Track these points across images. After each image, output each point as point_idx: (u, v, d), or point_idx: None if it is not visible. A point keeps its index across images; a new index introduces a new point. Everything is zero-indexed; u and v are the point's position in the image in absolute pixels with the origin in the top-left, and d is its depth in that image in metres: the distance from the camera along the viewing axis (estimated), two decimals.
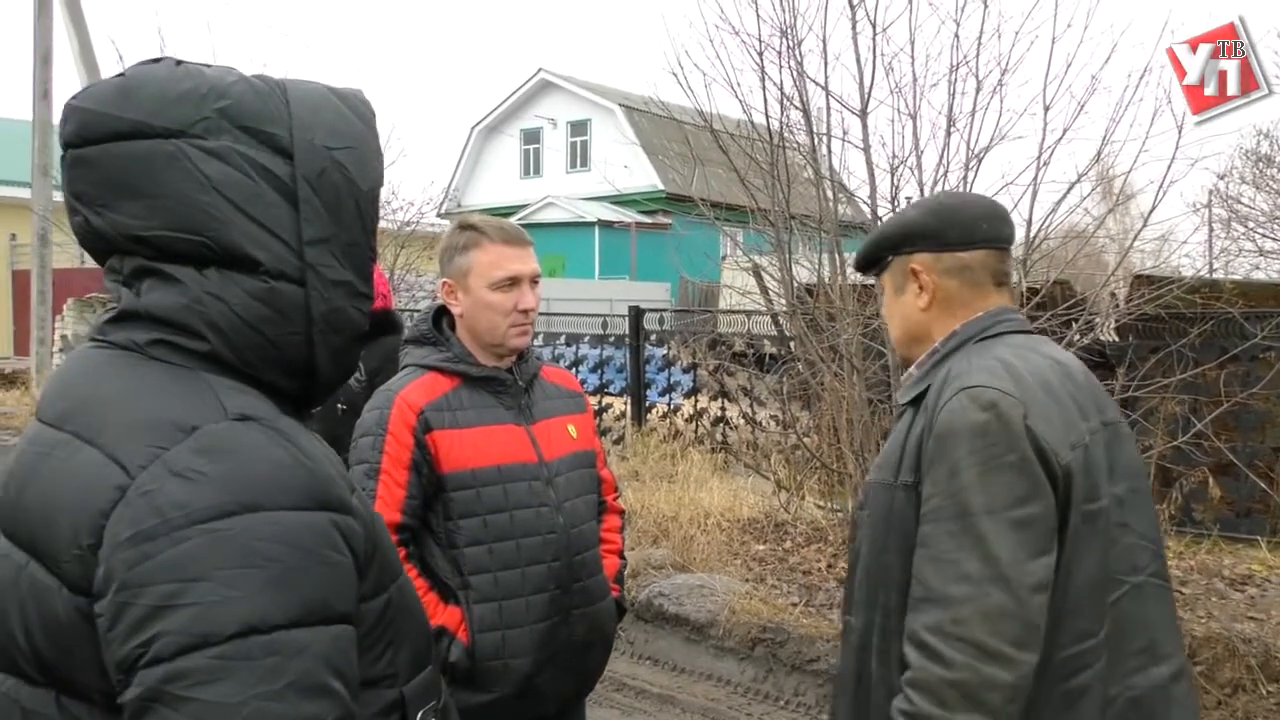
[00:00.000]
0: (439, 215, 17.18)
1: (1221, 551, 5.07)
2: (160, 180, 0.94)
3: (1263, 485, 5.41)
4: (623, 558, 2.39)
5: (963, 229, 1.67)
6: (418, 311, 7.02)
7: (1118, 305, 6.11)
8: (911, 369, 1.72)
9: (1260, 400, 5.49)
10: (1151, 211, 5.80)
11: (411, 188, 29.47)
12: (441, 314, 2.19)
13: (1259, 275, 13.08)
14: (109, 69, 13.95)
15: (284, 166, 0.98)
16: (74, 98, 0.99)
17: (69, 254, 16.28)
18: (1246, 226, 15.12)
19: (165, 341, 0.96)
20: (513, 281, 2.08)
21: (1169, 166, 5.19)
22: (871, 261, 1.77)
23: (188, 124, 0.95)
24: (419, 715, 1.05)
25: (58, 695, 0.89)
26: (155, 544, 0.82)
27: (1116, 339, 6.27)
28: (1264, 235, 14.97)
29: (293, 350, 0.99)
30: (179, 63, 1.00)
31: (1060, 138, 5.40)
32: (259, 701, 0.79)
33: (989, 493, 1.42)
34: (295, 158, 0.99)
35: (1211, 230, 15.44)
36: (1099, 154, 5.58)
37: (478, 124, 29.39)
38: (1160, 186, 5.43)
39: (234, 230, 0.95)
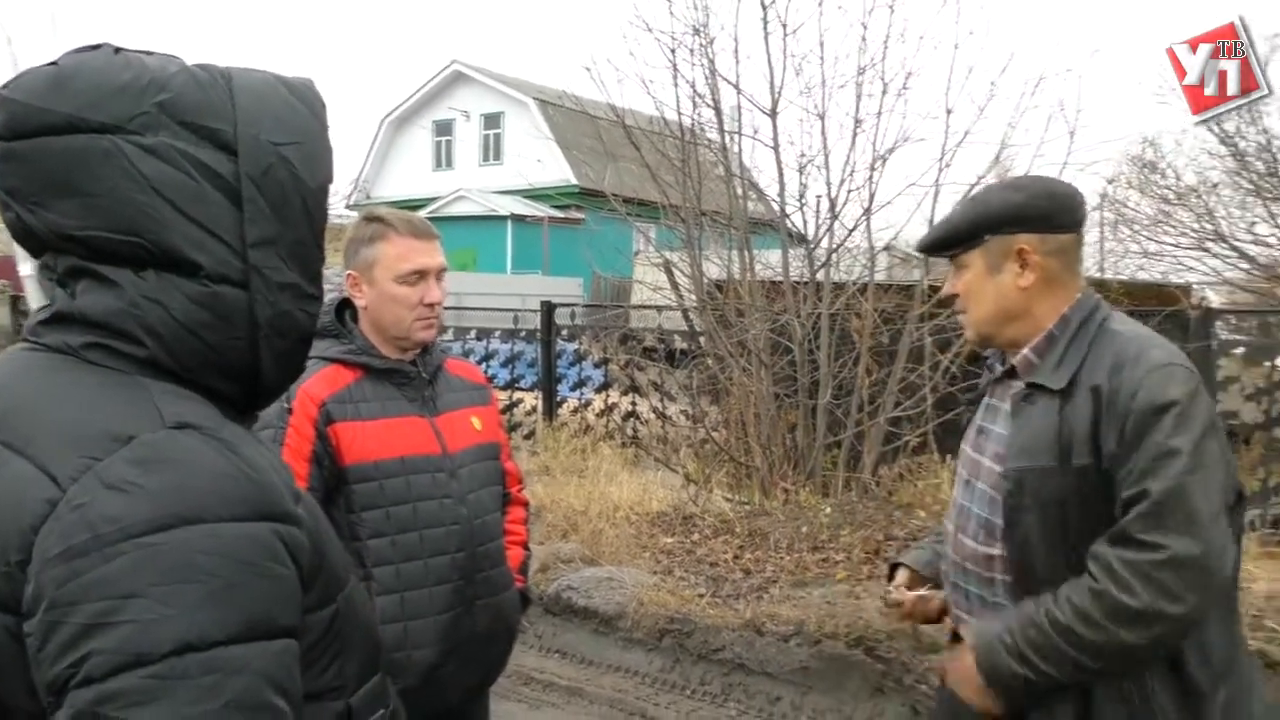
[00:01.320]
0: (347, 207, 16.83)
1: None
2: (95, 178, 0.90)
3: None
4: (527, 549, 2.39)
5: (1069, 212, 1.72)
6: None
7: None
8: (1025, 353, 1.71)
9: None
10: None
11: None
12: (344, 306, 2.16)
13: (1144, 276, 13.72)
14: None
15: (227, 164, 0.93)
16: (3, 87, 0.94)
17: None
18: (1132, 229, 15.84)
19: (101, 345, 0.91)
20: (419, 275, 2.07)
21: (1061, 171, 5.42)
22: (963, 240, 1.74)
23: (125, 119, 0.90)
24: None
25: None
26: (87, 560, 0.78)
27: None
28: (1148, 238, 15.70)
29: (235, 355, 0.95)
30: (117, 50, 0.95)
31: (961, 140, 5.60)
32: None
33: (1206, 473, 1.50)
34: (239, 154, 0.94)
35: (1102, 232, 16.12)
36: (997, 157, 5.80)
37: (388, 115, 28.86)
38: None
39: (173, 232, 0.91)
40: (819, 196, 6.03)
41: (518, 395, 8.88)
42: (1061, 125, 5.40)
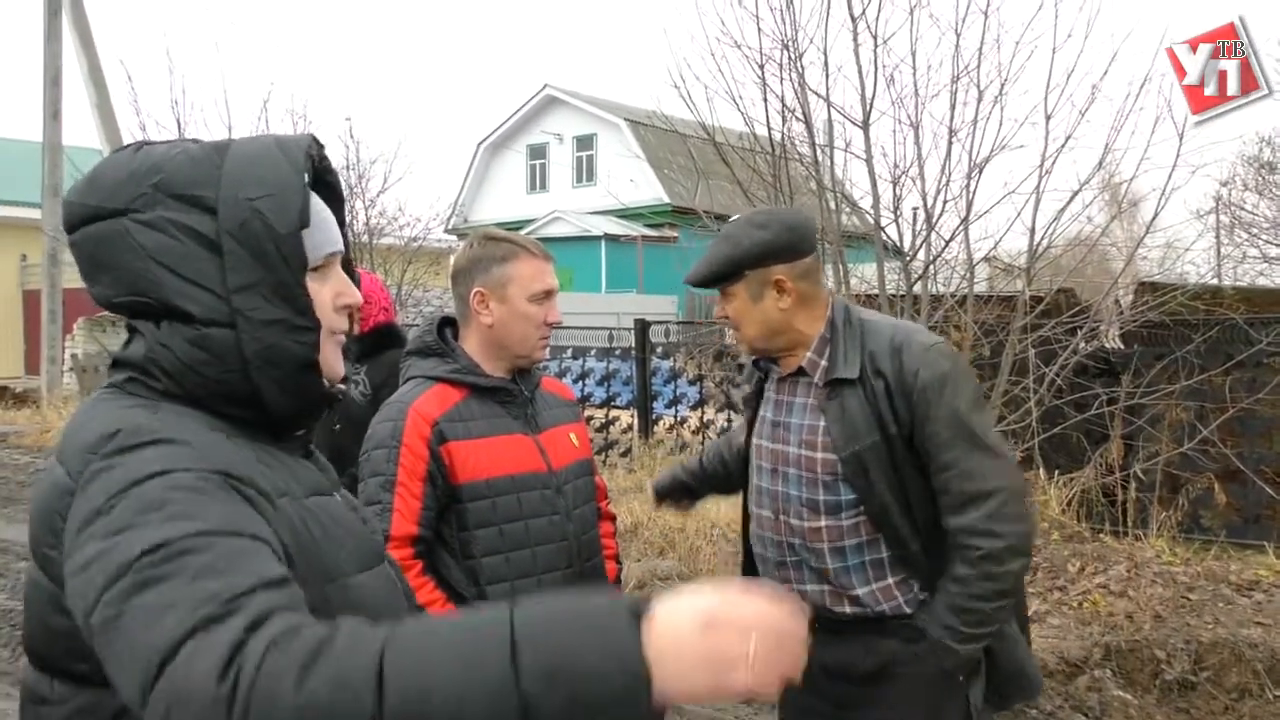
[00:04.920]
0: (446, 231, 17.27)
1: (1229, 557, 5.07)
2: (114, 254, 1.10)
3: (1270, 491, 5.41)
4: (619, 563, 2.42)
5: (807, 239, 2.05)
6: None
7: (1122, 312, 6.11)
8: (810, 355, 2.04)
9: (1266, 406, 5.50)
10: (1154, 218, 5.82)
11: (419, 203, 29.61)
12: (444, 325, 2.21)
13: (1264, 282, 13.05)
14: (118, 89, 14.07)
15: (209, 223, 1.10)
16: (67, 192, 1.17)
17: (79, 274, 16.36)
18: (1250, 233, 15.10)
19: (135, 379, 1.11)
20: (548, 294, 2.14)
21: (1170, 173, 5.22)
22: (725, 276, 2.03)
23: (129, 201, 1.10)
24: None
25: (54, 680, 1.04)
26: (91, 526, 0.94)
27: (1122, 346, 6.28)
28: (1268, 242, 14.94)
29: (236, 386, 1.11)
30: (140, 147, 1.15)
31: (1062, 146, 5.43)
32: (175, 591, 0.86)
33: (983, 416, 1.99)
34: (219, 213, 1.10)
35: (1218, 237, 15.43)
36: (1101, 162, 5.61)
37: (484, 140, 29.53)
38: (1162, 194, 5.46)
39: (166, 289, 1.09)
40: (914, 208, 5.93)
41: (614, 413, 8.96)
42: (1170, 127, 5.17)
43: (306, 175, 1.15)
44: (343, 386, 1.24)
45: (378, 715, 0.77)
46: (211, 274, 1.09)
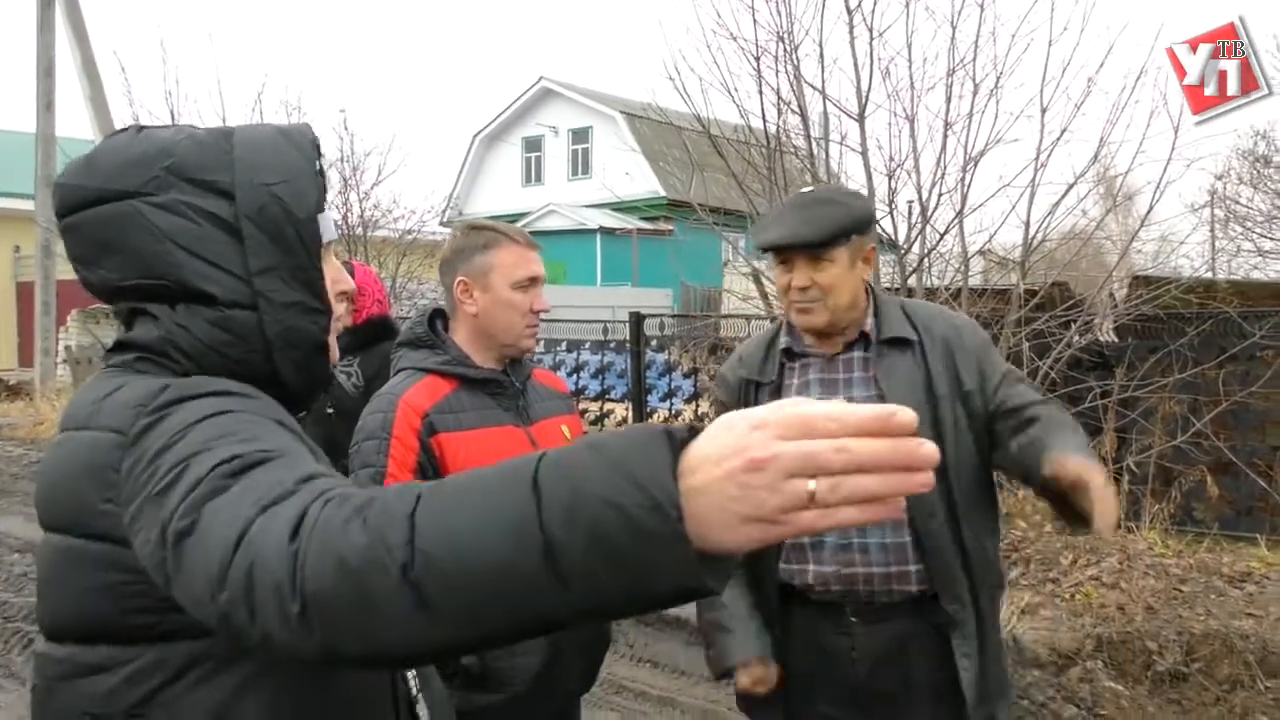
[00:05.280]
0: (441, 224, 17.23)
1: (1221, 549, 5.09)
2: (124, 236, 1.10)
3: (1262, 483, 5.43)
4: None
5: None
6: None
7: (1115, 306, 6.12)
8: (870, 322, 2.07)
9: (1259, 399, 5.51)
10: (1149, 212, 5.84)
11: (413, 196, 29.50)
12: (435, 317, 2.21)
13: (1258, 275, 13.09)
14: (111, 80, 14.04)
15: (227, 207, 1.11)
16: (58, 175, 1.16)
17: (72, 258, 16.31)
18: (1244, 226, 15.13)
19: (147, 359, 1.12)
20: (532, 281, 2.13)
21: (1165, 167, 5.23)
22: (836, 238, 1.98)
23: (140, 184, 1.10)
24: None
25: (107, 647, 1.04)
26: (159, 458, 0.97)
27: (1116, 339, 6.29)
28: (1262, 235, 14.97)
29: (256, 366, 1.13)
30: (139, 130, 1.15)
31: (1057, 139, 5.44)
32: (249, 492, 0.89)
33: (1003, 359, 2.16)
34: (236, 198, 1.11)
35: (1213, 231, 15.45)
36: (1096, 155, 5.62)
37: (479, 132, 29.45)
38: (1157, 187, 5.47)
39: (187, 271, 1.10)
40: (909, 201, 5.94)
41: (608, 406, 8.96)
42: (1165, 120, 5.17)
43: (316, 163, 1.18)
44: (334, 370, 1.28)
45: (409, 559, 0.75)
46: (232, 257, 1.11)
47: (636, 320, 8.58)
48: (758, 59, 5.89)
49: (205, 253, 1.10)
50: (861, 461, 0.66)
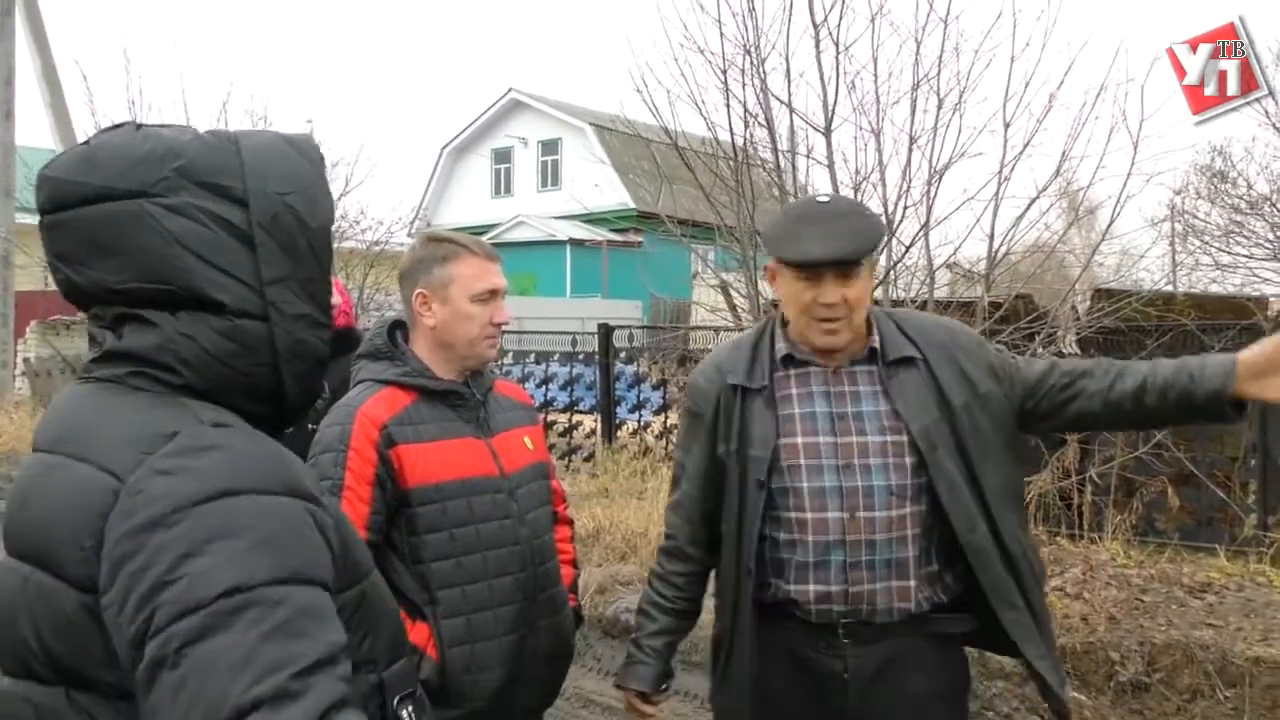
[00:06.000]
0: (409, 235, 17.17)
1: (1182, 560, 5.14)
2: (128, 237, 1.04)
3: (1221, 494, 5.50)
4: (576, 567, 2.41)
5: None
6: None
7: (1078, 318, 6.19)
8: (873, 339, 2.01)
9: None
10: (1110, 225, 5.91)
11: (381, 207, 29.40)
12: (395, 328, 2.18)
13: (1216, 289, 13.32)
14: (73, 89, 13.84)
15: (240, 214, 1.07)
16: (45, 168, 1.09)
17: (32, 276, 16.05)
18: (1202, 241, 15.39)
19: (143, 373, 1.06)
20: (492, 294, 2.11)
21: (1125, 182, 5.30)
22: (867, 253, 1.94)
23: (149, 184, 1.04)
24: (396, 700, 1.13)
25: (68, 691, 0.98)
26: (148, 533, 0.91)
27: (1078, 351, 6.36)
28: (1220, 249, 15.24)
29: (261, 379, 1.09)
30: (138, 127, 1.10)
31: (1020, 154, 5.50)
32: (245, 647, 0.86)
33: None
34: (250, 205, 1.08)
35: (1173, 244, 15.70)
36: (1058, 170, 5.69)
37: (448, 144, 29.39)
38: (1118, 201, 5.54)
39: (197, 277, 1.05)
40: (878, 216, 5.98)
41: (577, 418, 8.93)
42: (1125, 136, 5.24)
43: (325, 174, 1.17)
44: None
45: None
46: (244, 265, 1.07)
47: (605, 332, 8.57)
48: (725, 72, 5.91)
49: (217, 259, 1.05)
50: None
